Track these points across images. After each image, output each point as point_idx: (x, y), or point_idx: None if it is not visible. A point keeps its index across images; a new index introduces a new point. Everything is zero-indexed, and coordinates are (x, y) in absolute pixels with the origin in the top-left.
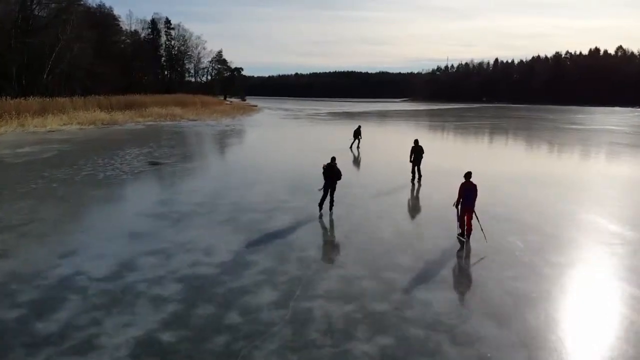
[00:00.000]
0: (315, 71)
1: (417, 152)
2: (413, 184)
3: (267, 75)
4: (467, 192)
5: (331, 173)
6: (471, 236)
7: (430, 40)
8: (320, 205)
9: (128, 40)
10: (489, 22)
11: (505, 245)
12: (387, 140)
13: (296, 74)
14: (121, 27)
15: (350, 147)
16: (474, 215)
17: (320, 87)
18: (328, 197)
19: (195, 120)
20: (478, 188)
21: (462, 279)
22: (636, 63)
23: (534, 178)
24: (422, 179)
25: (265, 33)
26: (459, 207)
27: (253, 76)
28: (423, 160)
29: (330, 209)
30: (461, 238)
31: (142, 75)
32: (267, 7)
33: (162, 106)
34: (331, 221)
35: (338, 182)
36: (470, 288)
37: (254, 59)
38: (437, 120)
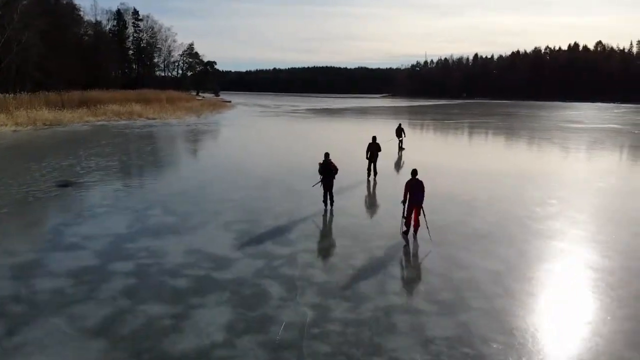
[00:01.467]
0: (294, 66)
1: (373, 149)
2: (369, 181)
3: (244, 70)
4: (414, 189)
5: (327, 170)
6: (418, 232)
7: (415, 37)
8: (325, 202)
9: (91, 32)
10: (473, 19)
11: None
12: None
13: (274, 69)
14: (82, 18)
15: (401, 148)
16: (421, 212)
17: (300, 82)
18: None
19: (154, 119)
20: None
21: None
22: (616, 59)
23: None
24: (378, 176)
25: (245, 28)
26: (406, 204)
27: (230, 71)
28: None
29: (331, 205)
30: (406, 235)
31: (106, 69)
32: (248, 3)
33: (121, 103)
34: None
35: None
36: None
37: (232, 53)
38: (423, 119)
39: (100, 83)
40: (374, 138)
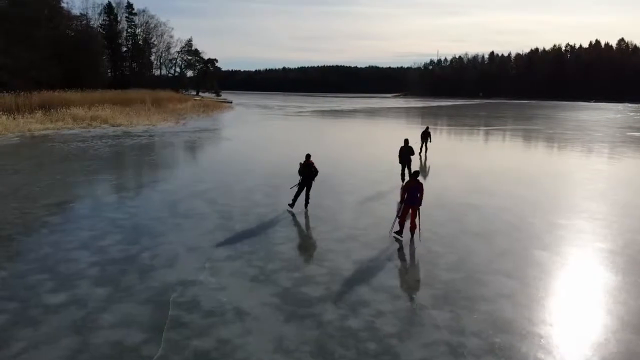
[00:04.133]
0: (304, 65)
1: (406, 153)
2: None
3: (254, 70)
4: (411, 191)
5: (308, 171)
6: (415, 234)
7: (419, 35)
8: (294, 201)
9: (79, 27)
10: (477, 18)
11: None
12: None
13: (284, 68)
14: (64, 11)
15: (419, 152)
16: (418, 214)
17: (310, 82)
18: (303, 194)
19: (120, 125)
20: None
21: None
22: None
23: None
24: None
25: (254, 28)
26: (403, 205)
27: (239, 70)
28: None
29: (306, 206)
30: (398, 236)
31: (93, 67)
32: (256, 2)
33: (91, 106)
34: None
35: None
36: None
37: (242, 53)
38: (450, 124)
39: (83, 83)
40: (406, 141)
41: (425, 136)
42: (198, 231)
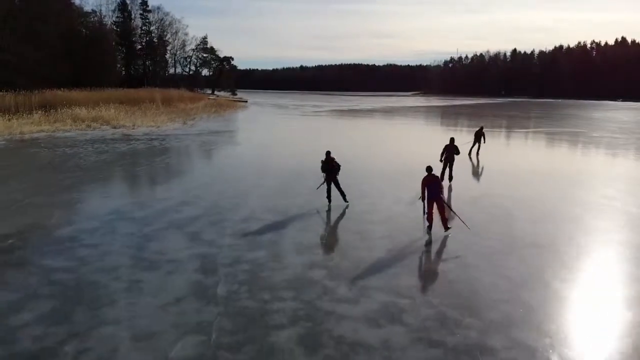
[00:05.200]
0: (321, 64)
1: (450, 151)
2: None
3: (271, 69)
4: (432, 186)
5: (329, 168)
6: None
7: (437, 34)
8: (328, 197)
9: (92, 24)
10: (495, 16)
11: None
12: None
13: (301, 66)
14: (76, 7)
15: (470, 152)
16: (445, 205)
17: (327, 80)
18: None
19: (123, 126)
20: None
21: None
22: None
23: None
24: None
25: (271, 27)
26: (426, 201)
27: (257, 69)
28: None
29: (344, 199)
30: (430, 230)
31: (106, 65)
32: (272, 1)
33: (95, 106)
34: None
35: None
36: None
37: (258, 52)
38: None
39: (94, 81)
40: (452, 140)
41: (479, 136)
42: (161, 298)
